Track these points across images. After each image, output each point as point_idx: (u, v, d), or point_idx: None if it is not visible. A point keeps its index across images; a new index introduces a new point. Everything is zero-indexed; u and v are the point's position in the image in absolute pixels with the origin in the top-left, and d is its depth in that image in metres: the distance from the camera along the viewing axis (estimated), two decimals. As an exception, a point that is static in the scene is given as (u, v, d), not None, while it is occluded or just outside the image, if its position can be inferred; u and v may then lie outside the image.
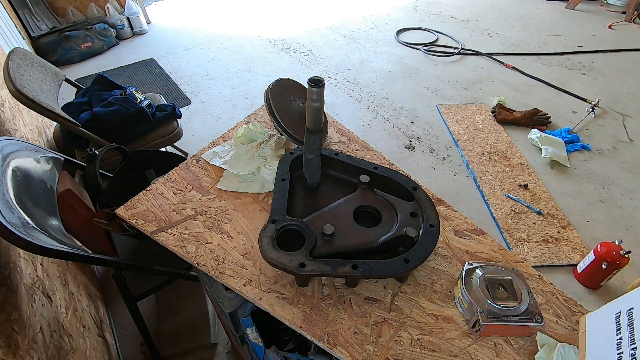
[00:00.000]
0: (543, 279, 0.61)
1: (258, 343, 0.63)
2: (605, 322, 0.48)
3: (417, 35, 3.49)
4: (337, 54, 3.22)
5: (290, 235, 0.58)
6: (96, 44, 3.18)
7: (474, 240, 0.66)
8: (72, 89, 1.79)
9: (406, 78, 2.89)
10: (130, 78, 2.95)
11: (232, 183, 0.75)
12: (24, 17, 2.99)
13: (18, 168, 0.92)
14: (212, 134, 2.39)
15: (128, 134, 1.63)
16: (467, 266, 0.56)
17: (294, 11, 4.03)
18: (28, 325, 0.82)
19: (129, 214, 0.70)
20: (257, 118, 0.92)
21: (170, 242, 0.65)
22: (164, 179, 0.77)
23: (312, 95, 0.54)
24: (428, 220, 0.59)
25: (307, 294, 0.58)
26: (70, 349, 0.97)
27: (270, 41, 3.44)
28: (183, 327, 1.40)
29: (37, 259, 1.05)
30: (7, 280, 0.83)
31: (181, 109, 2.60)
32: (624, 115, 2.47)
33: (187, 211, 0.71)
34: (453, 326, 0.55)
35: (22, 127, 1.57)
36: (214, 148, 0.82)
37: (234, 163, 0.78)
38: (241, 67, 3.07)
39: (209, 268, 0.61)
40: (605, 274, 1.47)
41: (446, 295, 0.58)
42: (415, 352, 0.52)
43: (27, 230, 0.79)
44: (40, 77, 1.47)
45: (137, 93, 1.75)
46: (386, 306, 0.57)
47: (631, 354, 0.41)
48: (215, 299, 0.64)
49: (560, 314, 0.56)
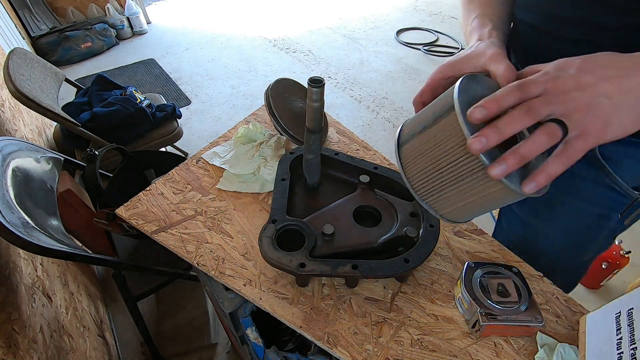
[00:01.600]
0: (543, 279, 0.61)
1: (258, 343, 0.63)
2: (605, 322, 0.48)
3: (417, 35, 3.49)
4: (337, 54, 3.22)
5: (290, 235, 0.58)
6: (96, 44, 3.18)
7: (474, 240, 0.66)
8: (72, 89, 1.79)
9: (406, 78, 2.89)
10: (130, 78, 2.95)
11: (232, 183, 0.75)
12: (24, 17, 2.99)
13: (18, 168, 0.92)
14: (212, 134, 2.39)
15: (128, 134, 1.63)
16: (467, 266, 0.56)
17: (294, 11, 4.03)
18: (28, 325, 0.83)
19: (129, 214, 0.70)
20: (257, 118, 0.92)
21: (170, 242, 0.65)
22: (164, 179, 0.77)
23: (312, 95, 0.54)
24: (428, 220, 0.59)
25: (307, 294, 0.58)
26: (70, 349, 0.97)
27: (270, 41, 3.44)
28: (183, 327, 1.40)
29: (37, 259, 1.05)
30: (7, 280, 0.83)
31: (181, 109, 2.60)
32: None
33: (187, 211, 0.71)
34: (453, 326, 0.55)
35: (22, 127, 1.57)
36: (214, 148, 0.82)
37: (233, 163, 0.78)
38: (241, 67, 3.07)
39: (209, 268, 0.61)
40: (605, 274, 1.47)
41: (446, 295, 0.58)
42: (415, 352, 0.52)
43: (27, 230, 0.79)
44: (40, 77, 1.47)
45: (137, 93, 1.75)
46: (386, 306, 0.57)
47: (631, 354, 0.41)
48: (215, 299, 0.64)
49: (560, 314, 0.56)
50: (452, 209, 0.42)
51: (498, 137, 0.33)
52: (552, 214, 0.63)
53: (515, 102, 0.35)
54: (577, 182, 0.58)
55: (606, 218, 0.59)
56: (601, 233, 0.62)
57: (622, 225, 0.60)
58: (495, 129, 0.34)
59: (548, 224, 0.64)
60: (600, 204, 0.58)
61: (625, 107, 0.34)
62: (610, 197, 0.57)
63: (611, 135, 0.34)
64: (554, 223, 0.63)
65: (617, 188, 0.55)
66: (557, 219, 0.63)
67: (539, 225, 0.66)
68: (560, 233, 0.64)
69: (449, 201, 0.41)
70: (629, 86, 0.34)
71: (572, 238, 0.64)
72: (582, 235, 0.63)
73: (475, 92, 0.39)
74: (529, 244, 0.68)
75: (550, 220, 0.64)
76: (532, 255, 0.65)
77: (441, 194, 0.41)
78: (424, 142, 0.40)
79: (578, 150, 0.34)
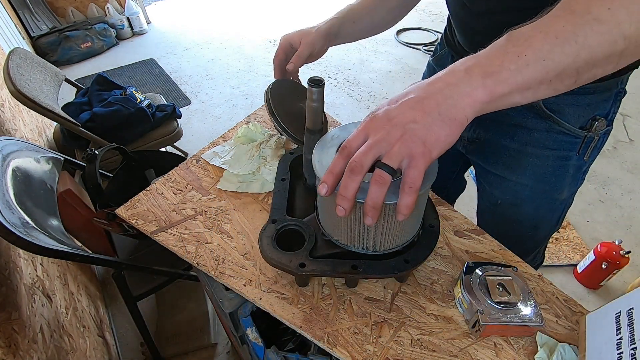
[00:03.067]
0: (543, 279, 0.61)
1: (258, 343, 0.63)
2: (605, 322, 0.48)
3: (417, 35, 3.49)
4: (337, 54, 3.22)
5: (290, 235, 0.58)
6: (96, 44, 3.18)
7: (474, 240, 0.66)
8: (72, 89, 1.79)
9: (406, 78, 2.89)
10: (130, 78, 2.95)
11: (232, 183, 0.75)
12: (24, 17, 2.99)
13: (18, 168, 0.92)
14: (212, 134, 2.40)
15: (128, 134, 1.63)
16: (467, 266, 0.56)
17: (293, 11, 4.03)
18: (28, 325, 0.83)
19: (129, 214, 0.70)
20: (257, 118, 0.92)
21: (170, 242, 0.65)
22: (164, 179, 0.77)
23: (312, 95, 0.53)
24: (428, 220, 0.59)
25: (307, 294, 0.58)
26: (70, 349, 0.97)
27: (270, 41, 3.44)
28: (183, 327, 1.40)
29: (37, 259, 1.05)
30: (7, 280, 0.83)
31: (181, 109, 2.60)
32: (623, 115, 2.47)
33: (187, 211, 0.71)
34: (453, 326, 0.55)
35: (22, 127, 1.57)
36: (214, 148, 0.82)
37: (233, 163, 0.78)
38: (241, 67, 3.07)
39: (209, 268, 0.61)
40: (605, 274, 1.47)
41: (446, 295, 0.58)
42: (415, 352, 0.52)
43: (27, 230, 0.79)
44: (40, 77, 1.47)
45: (137, 93, 1.75)
46: (386, 306, 0.57)
47: (631, 354, 0.41)
48: (215, 299, 0.64)
49: (560, 314, 0.56)
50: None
51: (348, 203, 0.40)
52: (521, 165, 0.71)
53: (344, 165, 0.41)
54: (534, 134, 0.67)
55: (567, 158, 0.68)
56: (567, 171, 0.70)
57: (583, 161, 0.69)
58: (342, 198, 0.40)
59: (520, 173, 0.72)
60: (558, 147, 0.67)
61: (433, 124, 0.38)
62: (563, 140, 0.66)
63: (437, 150, 0.38)
64: (525, 171, 0.71)
65: (567, 131, 0.64)
66: (526, 168, 0.71)
67: (514, 177, 0.73)
68: (533, 179, 0.71)
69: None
70: (429, 107, 0.38)
71: (544, 181, 0.71)
72: (552, 177, 0.70)
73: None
74: (512, 196, 0.76)
75: (522, 170, 0.71)
76: (518, 204, 0.75)
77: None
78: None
79: (415, 176, 0.38)
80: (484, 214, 0.85)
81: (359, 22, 0.75)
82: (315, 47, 0.71)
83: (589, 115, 0.63)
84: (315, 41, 0.71)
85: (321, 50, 0.74)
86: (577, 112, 0.62)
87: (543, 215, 0.77)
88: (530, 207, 0.75)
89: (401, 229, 0.50)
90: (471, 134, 0.75)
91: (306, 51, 0.70)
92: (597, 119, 0.63)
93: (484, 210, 0.85)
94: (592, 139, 0.65)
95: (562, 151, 0.67)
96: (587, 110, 0.62)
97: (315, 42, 0.71)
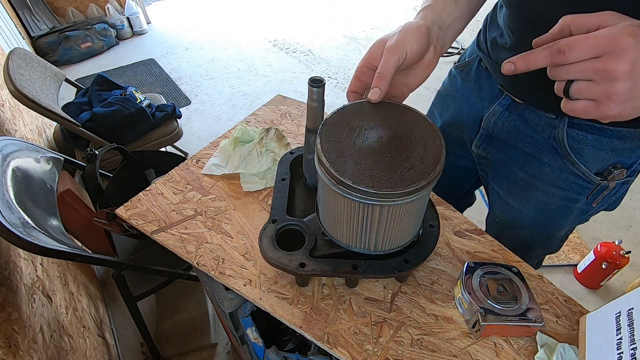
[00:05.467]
0: (543, 279, 0.61)
1: (258, 343, 0.63)
2: (605, 322, 0.48)
3: (417, 35, 3.49)
4: (337, 54, 3.22)
5: (290, 235, 0.58)
6: (96, 44, 3.18)
7: (474, 240, 0.66)
8: (72, 89, 1.79)
9: (406, 78, 2.89)
10: (130, 78, 2.95)
11: (256, 183, 0.75)
12: (24, 17, 2.99)
13: (18, 168, 0.92)
14: (212, 134, 2.39)
15: (128, 134, 1.63)
16: (467, 266, 0.56)
17: (293, 11, 4.03)
18: (28, 325, 0.83)
19: (129, 214, 0.70)
20: (257, 118, 0.92)
21: (170, 242, 0.65)
22: (164, 179, 0.77)
23: (312, 95, 0.53)
24: (428, 220, 0.59)
25: (307, 294, 0.58)
26: (70, 349, 0.97)
27: (270, 41, 3.44)
28: (183, 327, 1.40)
29: (37, 259, 1.05)
30: (7, 280, 0.83)
31: (181, 109, 2.60)
32: (624, 115, 2.47)
33: (187, 211, 0.71)
34: (453, 326, 0.55)
35: (22, 127, 1.57)
36: (209, 161, 0.80)
37: (245, 165, 0.77)
38: (241, 67, 3.07)
39: (209, 268, 0.61)
40: (605, 274, 1.47)
41: (446, 295, 0.58)
42: (415, 352, 0.52)
43: (27, 230, 0.79)
44: (40, 77, 1.47)
45: (137, 93, 1.75)
46: (386, 306, 0.57)
47: (631, 354, 0.41)
48: (215, 299, 0.64)
49: (560, 314, 0.56)
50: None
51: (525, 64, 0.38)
52: (526, 196, 0.69)
53: (545, 63, 0.37)
54: (546, 168, 0.64)
55: (574, 201, 0.65)
56: (571, 213, 0.67)
57: (591, 206, 0.65)
58: (553, 50, 0.36)
59: (523, 203, 0.70)
60: (567, 188, 0.63)
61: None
62: (575, 182, 0.62)
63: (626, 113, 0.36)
64: (528, 203, 0.69)
65: (581, 175, 0.61)
66: (530, 200, 0.68)
67: (516, 205, 0.72)
68: (534, 211, 0.70)
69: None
70: None
71: (545, 216, 0.70)
72: (553, 215, 0.68)
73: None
74: (511, 219, 0.75)
75: (525, 201, 0.70)
76: (515, 227, 0.75)
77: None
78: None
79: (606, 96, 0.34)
80: (490, 222, 0.85)
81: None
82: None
83: (609, 161, 0.58)
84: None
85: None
86: (598, 155, 0.57)
87: (539, 243, 0.76)
88: (526, 233, 0.74)
89: (401, 228, 0.50)
90: (481, 151, 0.73)
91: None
92: (618, 167, 0.58)
93: (491, 219, 0.84)
94: (605, 187, 0.61)
95: (571, 193, 0.63)
96: (609, 156, 0.57)
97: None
